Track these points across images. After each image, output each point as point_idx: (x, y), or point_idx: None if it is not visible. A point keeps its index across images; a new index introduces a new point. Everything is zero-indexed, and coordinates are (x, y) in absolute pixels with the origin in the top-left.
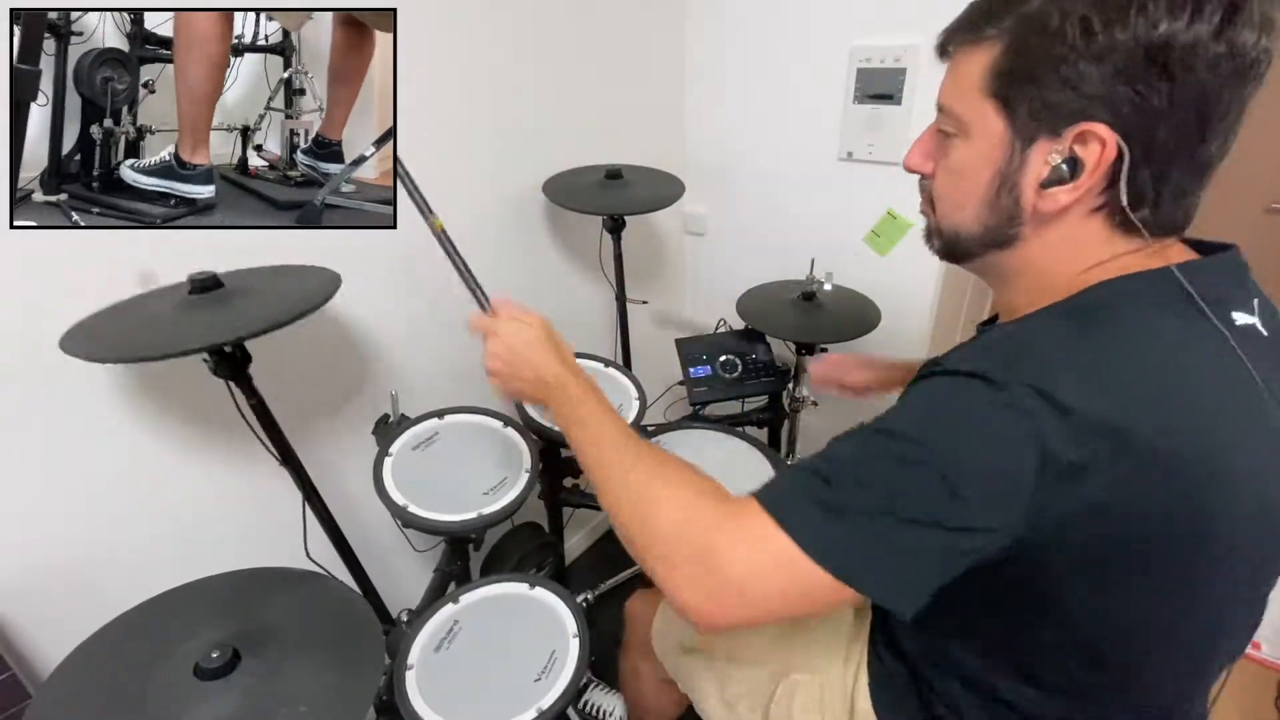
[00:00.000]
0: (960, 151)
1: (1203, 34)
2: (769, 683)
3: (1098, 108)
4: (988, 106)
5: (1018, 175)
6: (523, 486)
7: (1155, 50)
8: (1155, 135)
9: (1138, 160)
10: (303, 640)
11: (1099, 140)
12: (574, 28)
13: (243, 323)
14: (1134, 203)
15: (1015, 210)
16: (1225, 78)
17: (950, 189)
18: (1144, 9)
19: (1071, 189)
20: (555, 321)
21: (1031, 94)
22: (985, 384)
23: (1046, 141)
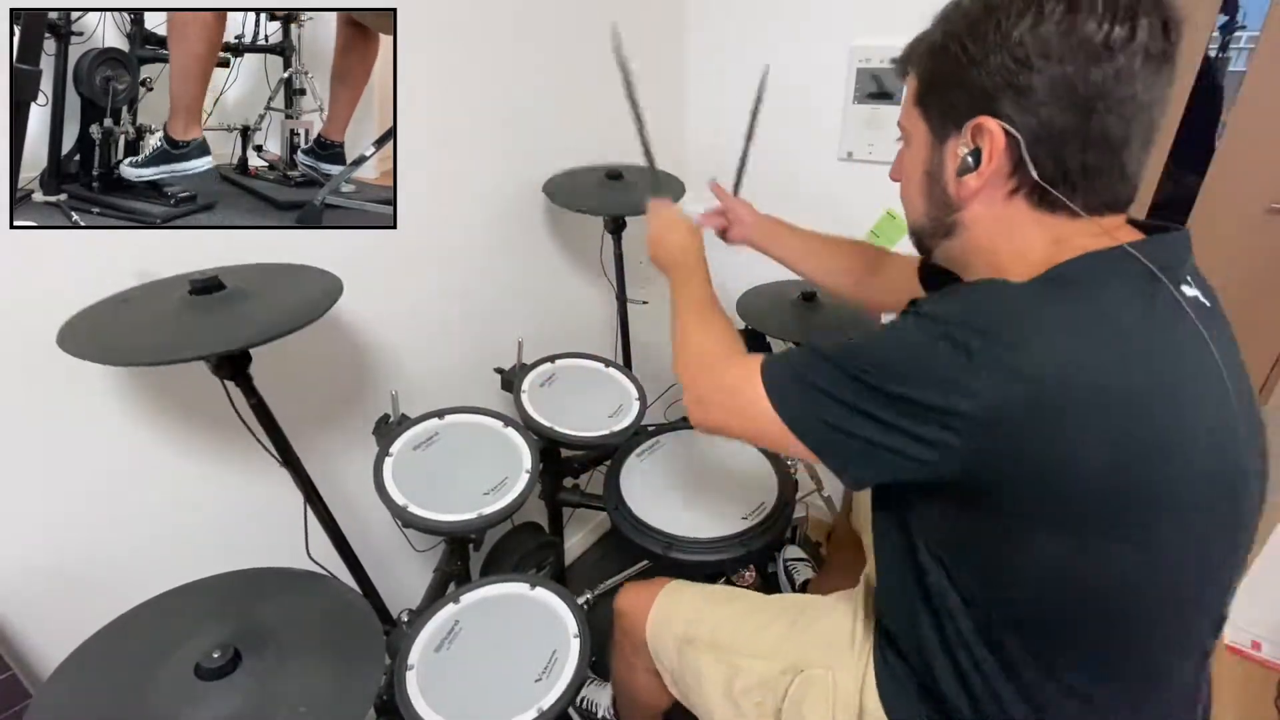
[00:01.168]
0: (906, 157)
1: (1048, 31)
2: (781, 679)
3: (985, 104)
4: (916, 115)
5: (940, 170)
6: (523, 486)
7: (1015, 50)
8: (1040, 118)
9: (1032, 144)
10: (303, 640)
11: (988, 131)
12: (574, 28)
13: (246, 329)
14: (1044, 182)
15: (946, 199)
16: (1083, 62)
17: (905, 190)
18: (998, 24)
19: (978, 175)
20: (555, 321)
21: (938, 100)
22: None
23: (955, 138)
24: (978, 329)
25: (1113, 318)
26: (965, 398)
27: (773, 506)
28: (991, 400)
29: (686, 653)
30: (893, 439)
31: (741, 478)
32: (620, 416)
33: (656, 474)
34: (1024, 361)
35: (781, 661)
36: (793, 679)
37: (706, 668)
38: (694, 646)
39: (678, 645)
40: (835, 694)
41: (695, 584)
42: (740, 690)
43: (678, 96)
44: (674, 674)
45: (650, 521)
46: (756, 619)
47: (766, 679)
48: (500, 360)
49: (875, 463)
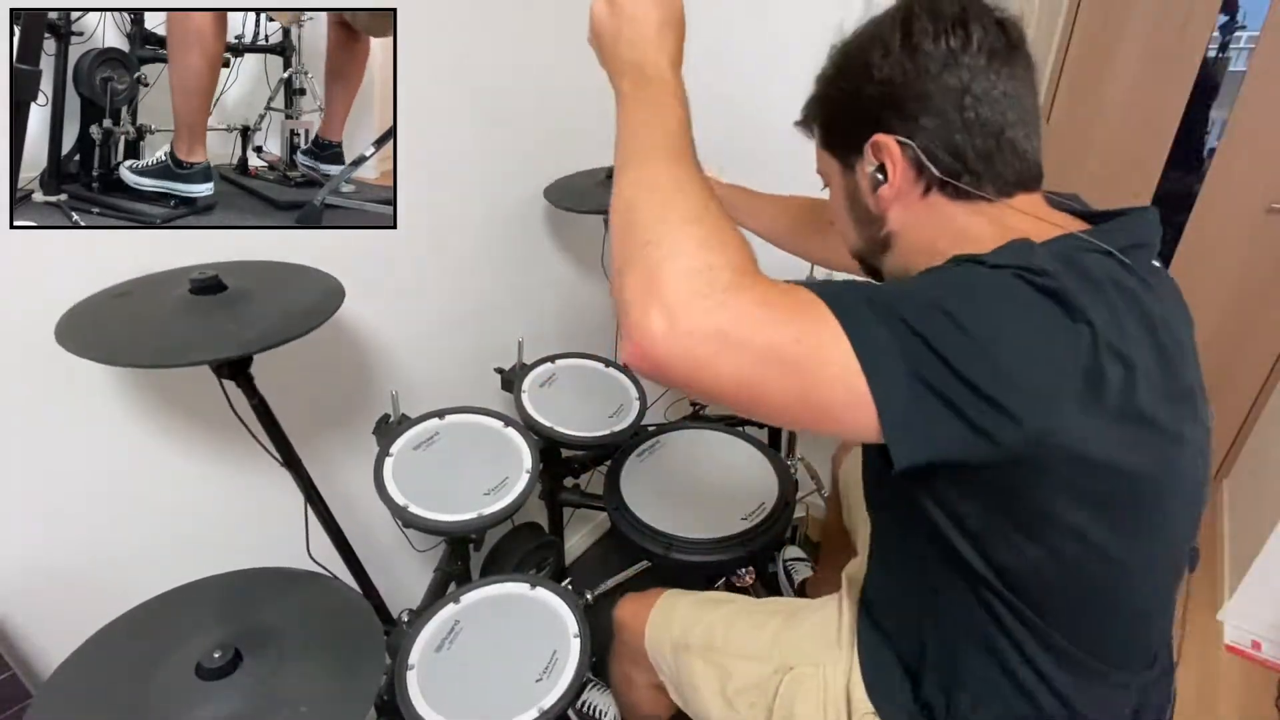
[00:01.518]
0: (831, 195)
1: (895, 59)
2: (772, 678)
3: (874, 125)
4: (826, 156)
5: (857, 193)
6: (523, 486)
7: (878, 79)
8: (920, 124)
9: (924, 145)
10: (304, 640)
11: (884, 145)
12: (575, 27)
13: (249, 334)
14: (950, 173)
15: (870, 216)
16: (936, 72)
17: (838, 223)
18: (859, 60)
19: (890, 185)
20: (555, 321)
21: (838, 137)
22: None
23: (860, 162)
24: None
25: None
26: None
27: (773, 506)
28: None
29: (682, 658)
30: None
31: (741, 478)
32: (620, 416)
33: (656, 474)
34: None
35: (772, 662)
36: (783, 678)
37: (701, 671)
38: (689, 651)
39: (674, 652)
40: (825, 690)
41: (690, 592)
42: (734, 691)
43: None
44: (673, 682)
45: (650, 521)
46: (748, 621)
47: (758, 679)
48: (500, 360)
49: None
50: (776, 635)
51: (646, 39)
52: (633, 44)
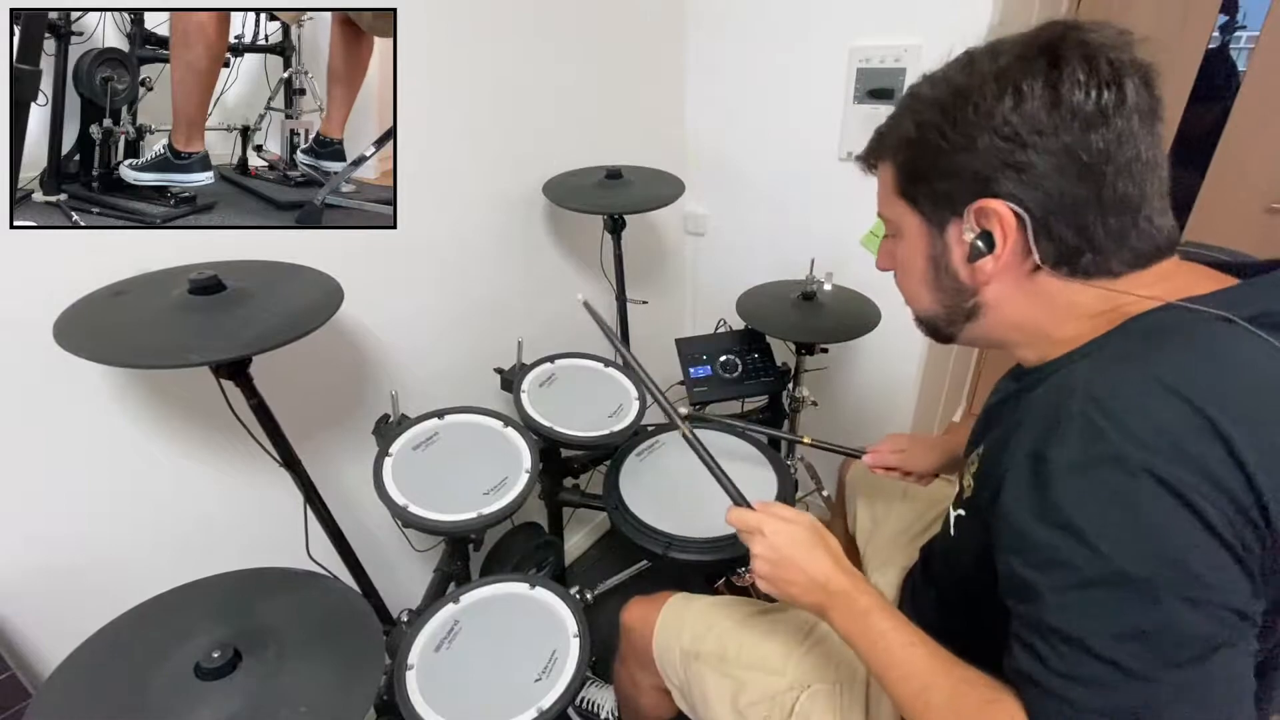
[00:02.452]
0: (901, 248)
1: (1033, 109)
2: (788, 694)
3: (983, 186)
4: (904, 206)
5: (946, 257)
6: (523, 486)
7: (1003, 130)
8: (1048, 192)
9: (1045, 218)
10: (303, 640)
11: (995, 212)
12: (574, 28)
13: (249, 334)
14: (1071, 253)
15: (959, 286)
16: (1079, 131)
17: (904, 282)
18: (976, 107)
19: (994, 258)
20: (555, 321)
21: (926, 190)
22: (1149, 476)
23: (956, 224)
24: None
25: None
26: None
27: None
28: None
29: (692, 666)
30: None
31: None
32: (620, 416)
33: (656, 474)
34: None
35: (789, 676)
36: (799, 694)
37: (712, 682)
38: (700, 660)
39: (684, 659)
40: (843, 711)
41: (700, 596)
42: (746, 704)
43: (678, 96)
44: (681, 689)
45: (650, 521)
46: (761, 630)
47: (773, 693)
48: (500, 360)
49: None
50: (792, 648)
51: (833, 585)
52: (820, 590)
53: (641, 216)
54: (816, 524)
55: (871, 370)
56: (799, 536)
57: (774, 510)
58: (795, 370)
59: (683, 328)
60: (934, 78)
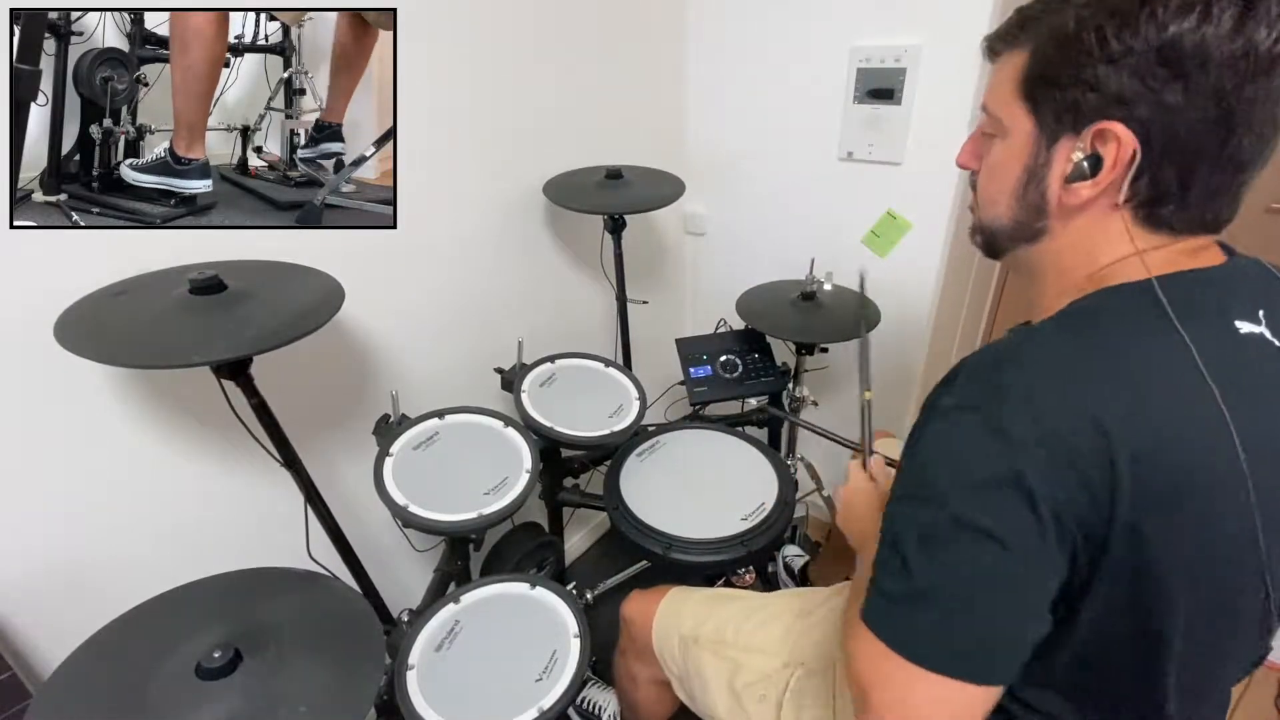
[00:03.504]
0: (997, 149)
1: (1213, 34)
2: (783, 672)
3: (1115, 108)
4: (1019, 107)
5: (1044, 171)
6: (523, 486)
7: (1167, 52)
8: (1176, 132)
9: (1159, 157)
10: (304, 640)
11: (1116, 138)
12: (574, 28)
13: (249, 334)
14: (1159, 199)
15: (1042, 204)
16: (1243, 75)
17: (988, 185)
18: (1154, 14)
19: (1093, 184)
20: (555, 321)
21: (1055, 95)
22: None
23: (1069, 139)
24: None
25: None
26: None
27: (772, 506)
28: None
29: (691, 651)
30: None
31: (741, 478)
32: (620, 416)
33: (656, 474)
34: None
35: (783, 656)
36: (794, 672)
37: (710, 664)
38: (698, 645)
39: (683, 646)
40: (837, 687)
41: (699, 588)
42: (743, 685)
43: (678, 96)
44: (680, 677)
45: (650, 522)
46: (758, 616)
47: (768, 673)
48: (500, 360)
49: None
50: (787, 630)
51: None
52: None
53: (641, 216)
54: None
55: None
56: (867, 491)
57: (873, 469)
58: (795, 370)
59: (683, 328)
60: None
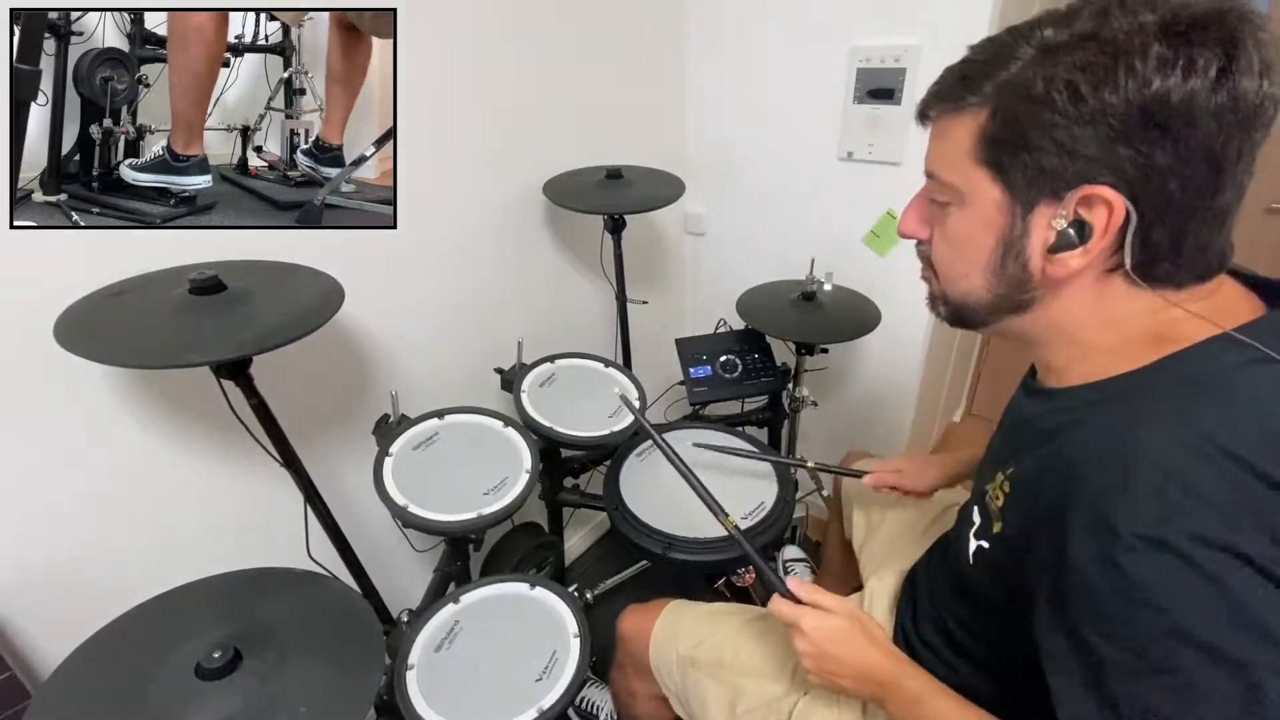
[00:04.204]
0: (958, 219)
1: (1199, 88)
2: (786, 700)
3: (1099, 170)
4: (981, 174)
5: (1022, 242)
6: (523, 486)
7: (1151, 109)
8: (1166, 192)
9: (1152, 219)
10: (303, 640)
11: (1105, 203)
12: (574, 28)
13: (250, 335)
14: (1152, 259)
15: (1025, 276)
16: (1231, 128)
17: (952, 258)
18: (1132, 70)
19: (1082, 253)
20: (555, 321)
21: (1026, 160)
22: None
23: (1049, 206)
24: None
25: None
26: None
27: (772, 506)
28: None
29: (690, 674)
30: None
31: (741, 478)
32: (620, 416)
33: (656, 474)
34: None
35: (785, 683)
36: (797, 701)
37: (710, 689)
38: (697, 668)
39: (681, 667)
40: (839, 717)
41: (696, 603)
42: (744, 711)
43: (678, 96)
44: (679, 696)
45: (650, 521)
46: (758, 638)
47: (770, 699)
48: (500, 360)
49: None
50: (789, 654)
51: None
52: (870, 680)
53: (641, 216)
54: (855, 611)
55: (871, 370)
56: (839, 629)
57: (815, 599)
58: (795, 370)
59: (683, 328)
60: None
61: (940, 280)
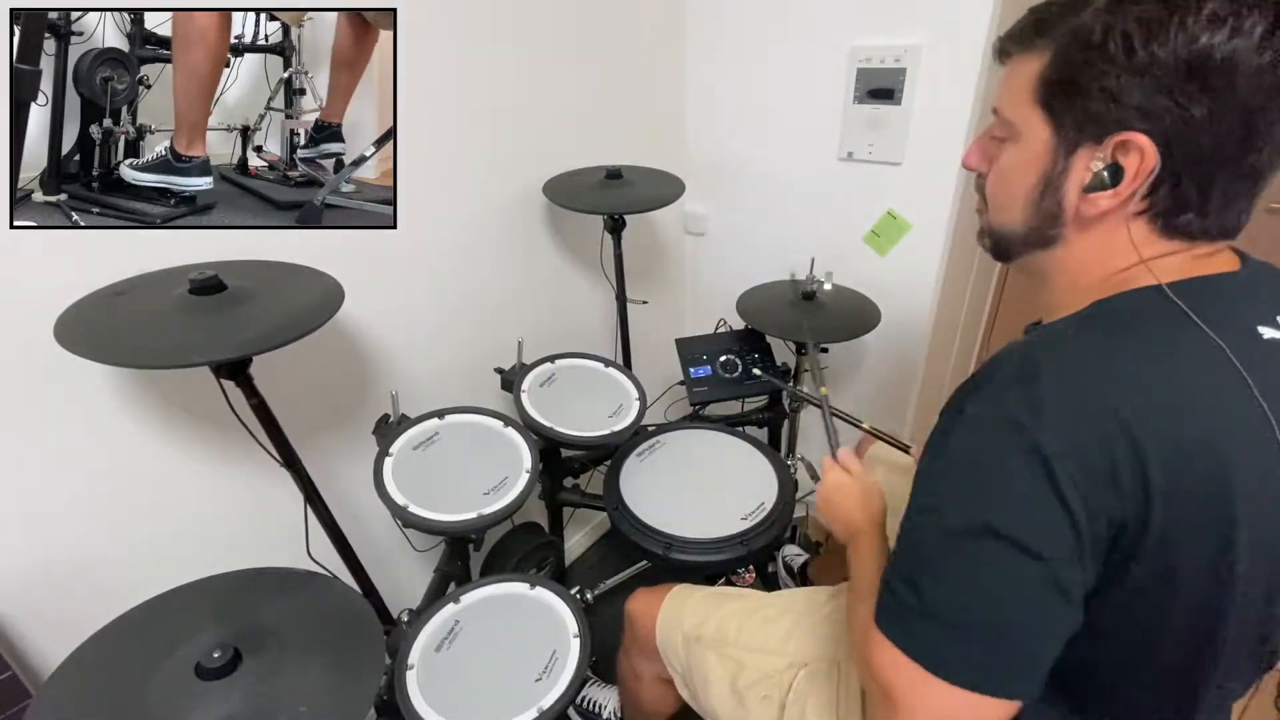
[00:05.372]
0: (1010, 154)
1: (1243, 47)
2: (786, 672)
3: (1138, 118)
4: (1036, 113)
5: (1061, 179)
6: (523, 486)
7: (1195, 64)
8: (1199, 145)
9: (1180, 168)
10: (304, 640)
11: (1139, 149)
12: (575, 28)
13: (250, 335)
14: (1177, 209)
15: (1058, 212)
16: (1269, 89)
17: (999, 190)
18: (1184, 25)
19: (1113, 195)
20: (555, 321)
21: (1076, 104)
22: (993, 423)
23: (1089, 148)
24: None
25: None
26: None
27: (772, 506)
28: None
29: (694, 650)
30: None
31: (741, 478)
32: (620, 416)
33: (656, 474)
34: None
35: (787, 656)
36: (797, 672)
37: (713, 663)
38: (700, 644)
39: (685, 644)
40: (840, 688)
41: (702, 586)
42: (745, 685)
43: (678, 96)
44: (683, 675)
45: (650, 522)
46: (761, 615)
47: (771, 673)
48: (500, 360)
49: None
50: (791, 630)
51: (853, 528)
52: (846, 530)
53: (641, 216)
54: (865, 480)
55: (872, 369)
56: (845, 485)
57: (846, 462)
58: (795, 370)
59: (683, 328)
60: None
61: (989, 211)
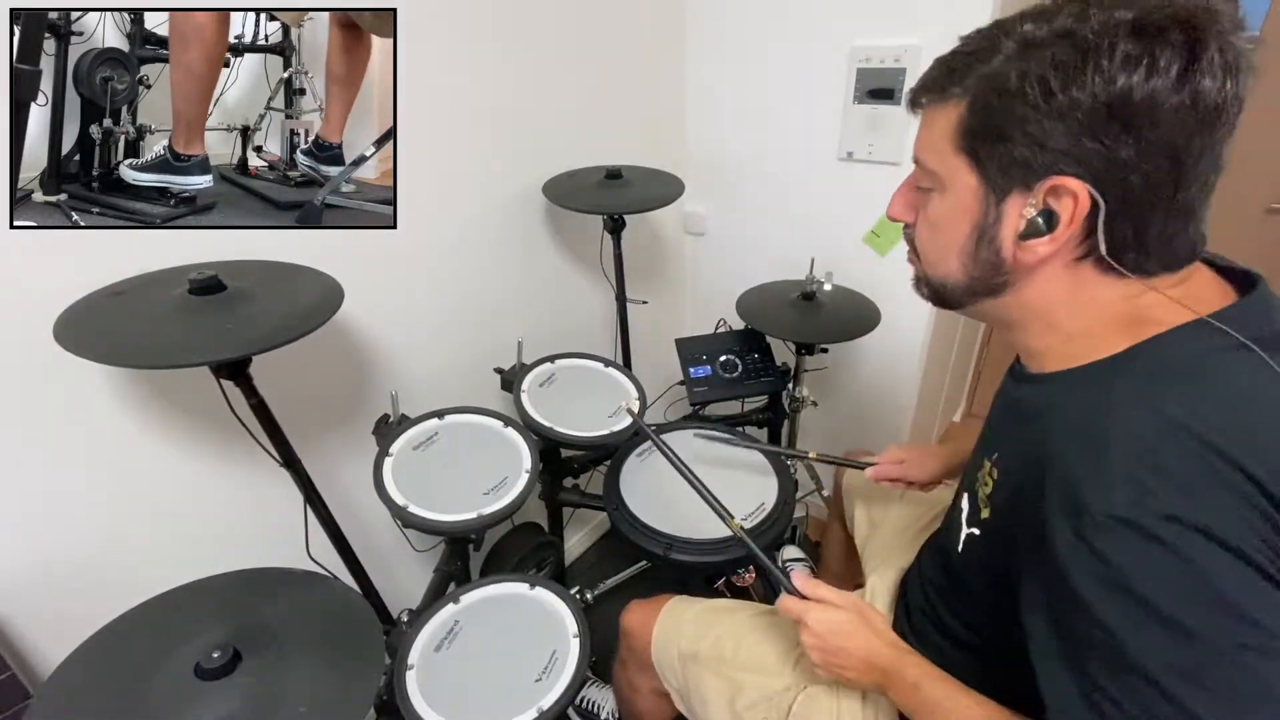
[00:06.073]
0: (938, 205)
1: (1161, 86)
2: (785, 695)
3: (1066, 162)
4: (960, 162)
5: (995, 229)
6: (523, 486)
7: (1116, 105)
8: (1129, 185)
9: (1115, 210)
10: (303, 640)
11: (1070, 193)
12: (574, 28)
13: (249, 334)
14: (1117, 249)
15: (997, 261)
16: (1192, 126)
17: (932, 241)
18: (1099, 67)
19: (1049, 240)
20: (555, 321)
21: (1000, 151)
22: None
23: (1020, 195)
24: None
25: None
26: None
27: (772, 506)
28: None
29: (690, 669)
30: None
31: (741, 478)
32: (620, 416)
33: (656, 474)
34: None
35: (785, 678)
36: (796, 695)
37: (710, 683)
38: (697, 662)
39: (682, 661)
40: (839, 712)
41: (698, 599)
42: (744, 706)
43: (678, 96)
44: (680, 691)
45: (650, 522)
46: (759, 633)
47: (769, 694)
48: (500, 360)
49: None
50: (789, 650)
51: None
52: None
53: (641, 216)
54: (858, 603)
55: (872, 370)
56: (842, 622)
57: (820, 595)
58: (795, 370)
59: (683, 328)
60: (1037, 14)
61: (922, 262)
